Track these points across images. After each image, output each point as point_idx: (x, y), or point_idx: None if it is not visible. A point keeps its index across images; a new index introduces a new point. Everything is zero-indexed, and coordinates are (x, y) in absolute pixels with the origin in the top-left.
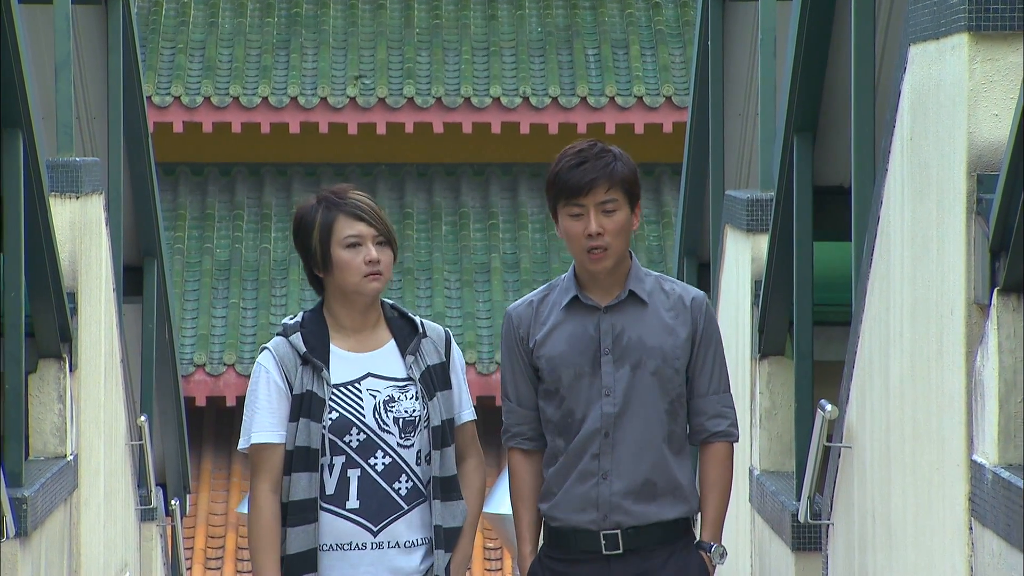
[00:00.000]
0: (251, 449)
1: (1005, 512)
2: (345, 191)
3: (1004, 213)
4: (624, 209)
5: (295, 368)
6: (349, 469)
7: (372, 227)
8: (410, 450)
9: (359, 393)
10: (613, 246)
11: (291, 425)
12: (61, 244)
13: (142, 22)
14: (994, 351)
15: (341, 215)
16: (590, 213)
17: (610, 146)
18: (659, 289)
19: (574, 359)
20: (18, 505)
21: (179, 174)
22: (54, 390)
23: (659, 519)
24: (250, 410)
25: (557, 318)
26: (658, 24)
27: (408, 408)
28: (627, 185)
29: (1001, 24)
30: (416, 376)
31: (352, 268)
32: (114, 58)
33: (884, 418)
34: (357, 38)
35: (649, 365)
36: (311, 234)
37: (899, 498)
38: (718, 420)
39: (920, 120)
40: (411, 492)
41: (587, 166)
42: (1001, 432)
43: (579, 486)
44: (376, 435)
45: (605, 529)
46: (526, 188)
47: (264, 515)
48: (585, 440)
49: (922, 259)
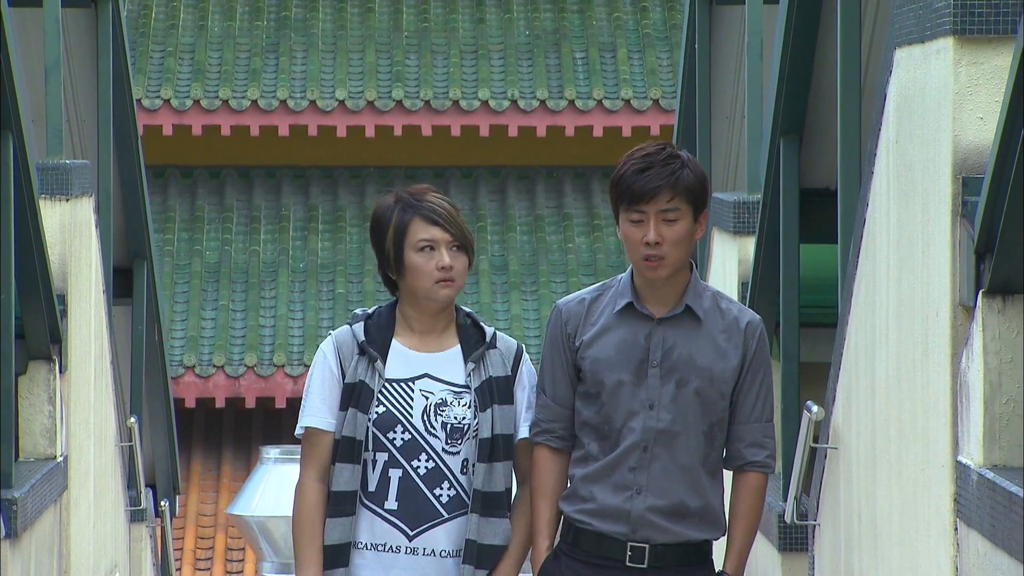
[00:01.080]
0: (303, 435)
1: (990, 513)
2: (423, 192)
3: (989, 216)
4: (687, 219)
5: (352, 356)
6: (391, 468)
7: (447, 232)
8: (455, 457)
9: (411, 392)
10: (671, 256)
11: (340, 414)
12: (51, 246)
13: (132, 25)
14: (979, 353)
15: (417, 217)
16: (650, 221)
17: (680, 151)
18: (716, 307)
19: (620, 366)
20: (8, 506)
21: (169, 177)
22: (44, 392)
23: (688, 539)
24: (306, 394)
25: (608, 321)
26: (645, 28)
27: (458, 415)
28: (692, 194)
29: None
30: (474, 384)
31: (424, 273)
32: (104, 61)
33: (870, 419)
34: (346, 41)
35: (694, 384)
36: (385, 235)
37: (885, 499)
38: (756, 449)
39: (906, 123)
40: (453, 500)
41: (652, 172)
42: (986, 433)
43: (612, 497)
44: (422, 437)
45: (634, 541)
46: (514, 190)
47: (308, 503)
48: (624, 452)
49: (907, 261)
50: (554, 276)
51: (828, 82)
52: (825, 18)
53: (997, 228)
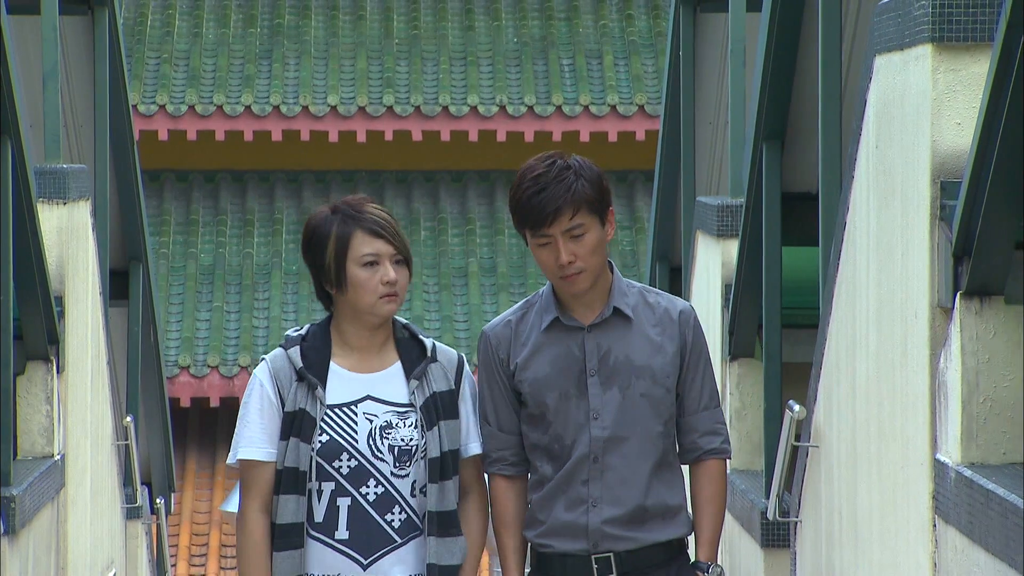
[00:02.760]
0: (239, 465)
1: (968, 510)
2: (362, 203)
3: (967, 219)
4: (594, 228)
5: (290, 383)
6: (339, 497)
7: (391, 245)
8: (404, 480)
9: (354, 416)
10: (588, 266)
11: (281, 444)
12: (49, 249)
13: (128, 32)
14: (957, 353)
15: (359, 230)
16: (558, 242)
17: (569, 159)
18: (644, 303)
19: (559, 382)
20: (6, 504)
21: (164, 181)
22: (42, 391)
23: (652, 542)
24: (240, 423)
25: (538, 339)
26: (631, 35)
27: (405, 436)
28: (593, 203)
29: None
30: (418, 403)
31: (368, 288)
32: (100, 67)
33: (851, 418)
34: (338, 48)
35: (638, 386)
36: (325, 249)
37: (865, 496)
38: (711, 437)
39: (885, 128)
40: (404, 525)
41: (546, 194)
42: (964, 432)
43: (567, 514)
44: (369, 462)
45: (597, 554)
46: (502, 194)
47: (253, 536)
48: (574, 466)
49: (887, 264)
50: (541, 278)
51: (809, 88)
52: (806, 25)
53: (975, 231)
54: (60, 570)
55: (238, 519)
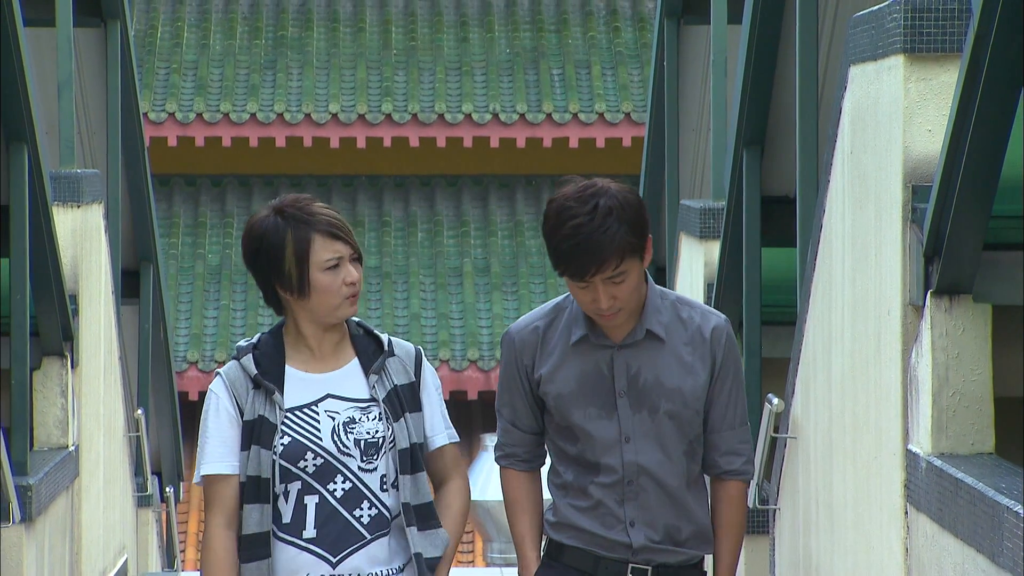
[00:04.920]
0: (203, 482)
1: (938, 497)
2: (308, 204)
3: (937, 221)
4: (635, 269)
5: (246, 393)
6: (306, 495)
7: (348, 245)
8: (373, 475)
9: (316, 415)
10: (627, 305)
11: (243, 455)
12: (63, 250)
13: (139, 43)
14: (928, 349)
15: (316, 235)
16: (598, 288)
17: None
18: (676, 319)
19: (586, 400)
20: (23, 492)
21: (173, 185)
22: (57, 385)
23: (688, 561)
24: (201, 440)
25: (565, 351)
26: (618, 46)
27: (370, 429)
28: (634, 249)
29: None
30: (380, 397)
31: (332, 291)
32: (113, 77)
33: (827, 411)
34: (339, 59)
35: (666, 407)
36: (281, 256)
37: (840, 485)
38: (731, 458)
39: (859, 135)
40: (374, 520)
41: (589, 246)
42: (934, 424)
43: (606, 531)
44: (335, 459)
45: (635, 563)
46: (496, 198)
47: (216, 553)
48: (609, 488)
49: (861, 264)
50: (533, 278)
51: (788, 97)
52: (785, 37)
53: (944, 233)
54: (74, 555)
55: (203, 537)
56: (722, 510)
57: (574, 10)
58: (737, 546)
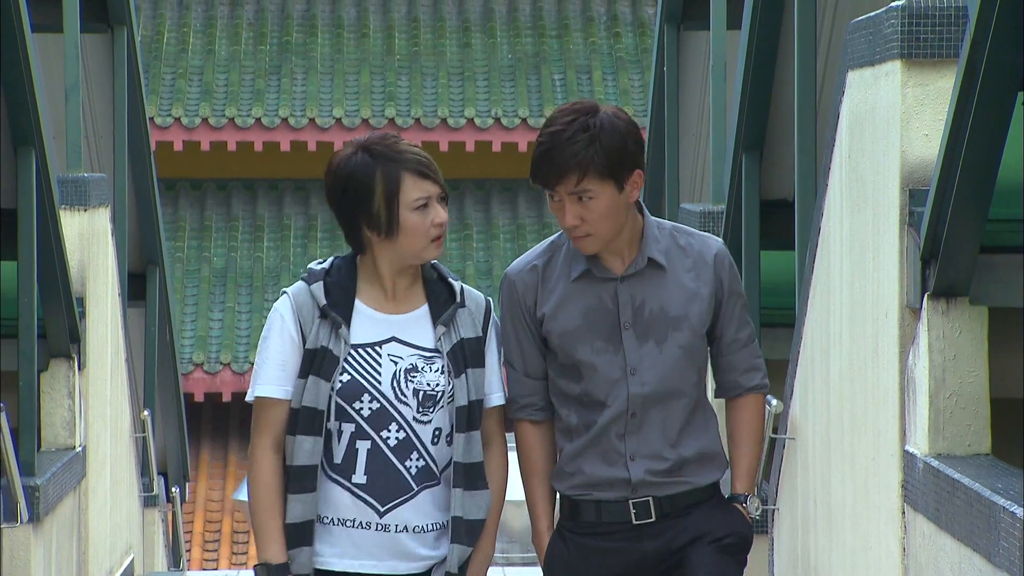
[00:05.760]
0: (255, 403)
1: (935, 498)
2: (395, 142)
3: (934, 225)
4: (605, 193)
5: (312, 320)
6: (359, 440)
7: (437, 184)
8: (427, 427)
9: (378, 357)
10: (597, 231)
11: (299, 382)
12: (71, 253)
13: (145, 49)
14: (925, 351)
15: (406, 173)
16: (564, 203)
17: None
18: (676, 246)
19: (591, 335)
20: (31, 493)
21: (179, 189)
22: (64, 387)
23: (692, 487)
24: (260, 359)
25: (567, 288)
26: (619, 52)
27: (431, 380)
28: (603, 170)
29: (931, 52)
30: (444, 349)
31: (421, 232)
32: (119, 82)
33: (825, 412)
34: (343, 64)
35: (675, 338)
36: (371, 194)
37: (839, 485)
38: (752, 374)
39: (857, 140)
40: (421, 472)
41: (555, 154)
42: (931, 425)
43: (604, 468)
44: (392, 405)
45: (635, 499)
46: (498, 202)
47: (264, 473)
48: (609, 422)
49: (859, 267)
50: None
51: (786, 102)
52: (783, 42)
53: (941, 236)
54: (81, 555)
55: (250, 459)
56: (743, 419)
57: (575, 16)
58: (757, 452)
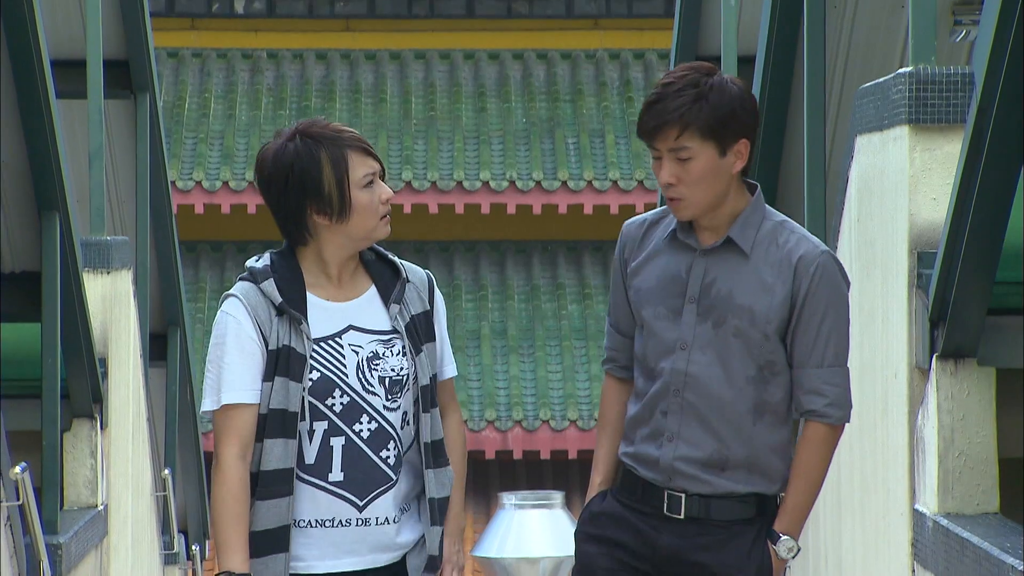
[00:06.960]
0: (219, 411)
1: (944, 556)
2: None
3: (942, 287)
4: (704, 155)
5: (269, 319)
6: (332, 437)
7: (378, 161)
8: (396, 413)
9: (341, 349)
10: (691, 196)
11: (265, 385)
12: (93, 315)
13: (167, 115)
14: (934, 411)
15: (350, 151)
16: (663, 159)
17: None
18: (771, 240)
19: (658, 299)
20: (54, 551)
21: (200, 251)
22: (87, 446)
23: (729, 491)
24: (217, 365)
25: (657, 247)
26: (631, 116)
27: (395, 365)
28: (706, 129)
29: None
30: (402, 328)
31: (371, 210)
32: (142, 147)
33: (835, 470)
34: (360, 128)
35: (733, 324)
36: (320, 177)
37: (849, 542)
38: (813, 397)
39: (866, 203)
40: (397, 461)
41: (659, 107)
42: (940, 484)
43: (647, 443)
44: (361, 397)
45: (671, 489)
46: (512, 263)
47: (233, 484)
48: (657, 395)
49: (869, 327)
50: (549, 340)
51: (796, 165)
52: (793, 107)
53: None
54: None
55: (214, 467)
56: (798, 451)
57: (588, 81)
58: (807, 490)
